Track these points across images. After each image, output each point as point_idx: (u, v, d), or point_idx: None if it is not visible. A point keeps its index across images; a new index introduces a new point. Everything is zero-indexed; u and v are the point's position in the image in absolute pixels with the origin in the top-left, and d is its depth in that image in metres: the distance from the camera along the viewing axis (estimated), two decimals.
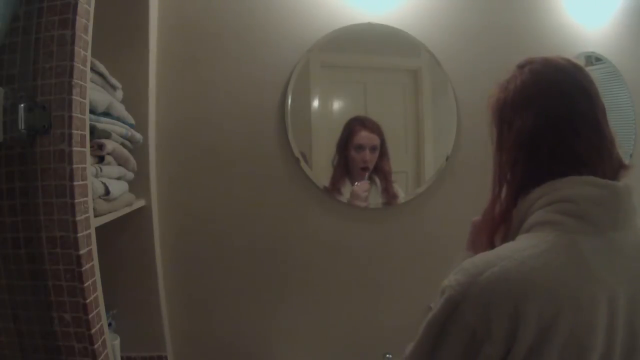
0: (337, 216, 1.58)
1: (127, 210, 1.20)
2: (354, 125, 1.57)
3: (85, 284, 0.83)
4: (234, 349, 1.54)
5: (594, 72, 1.68)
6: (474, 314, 0.57)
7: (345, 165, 1.58)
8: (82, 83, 0.85)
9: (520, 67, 0.72)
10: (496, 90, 0.74)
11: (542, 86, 0.68)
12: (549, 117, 0.66)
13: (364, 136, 1.57)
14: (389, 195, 1.61)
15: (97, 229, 0.92)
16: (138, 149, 1.32)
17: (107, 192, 1.03)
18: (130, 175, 1.26)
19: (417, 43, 1.60)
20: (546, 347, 0.55)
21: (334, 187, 1.57)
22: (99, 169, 1.02)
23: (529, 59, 0.72)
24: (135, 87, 1.34)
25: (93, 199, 0.92)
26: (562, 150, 0.65)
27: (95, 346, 0.84)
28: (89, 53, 0.88)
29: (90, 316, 0.83)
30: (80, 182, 0.84)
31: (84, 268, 0.82)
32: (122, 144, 1.18)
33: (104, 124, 1.07)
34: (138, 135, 1.29)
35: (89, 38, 0.87)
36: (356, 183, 1.58)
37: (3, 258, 0.82)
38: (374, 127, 1.58)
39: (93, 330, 0.83)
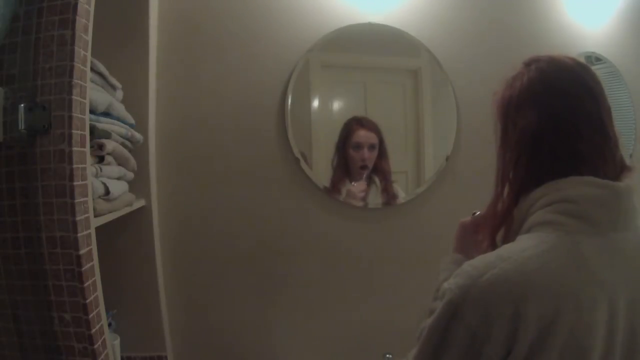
0: (337, 216, 1.58)
1: (127, 210, 1.20)
2: (352, 124, 1.58)
3: (85, 284, 0.83)
4: (234, 349, 1.54)
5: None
6: (474, 316, 0.57)
7: (345, 165, 1.58)
8: (82, 83, 0.85)
9: (527, 64, 0.71)
10: (502, 88, 0.73)
11: (548, 85, 0.67)
12: (552, 117, 0.66)
13: (361, 135, 1.57)
14: (389, 195, 1.61)
15: (97, 229, 0.92)
16: (138, 149, 1.32)
17: (107, 192, 1.03)
18: (130, 175, 1.26)
19: (417, 43, 1.60)
20: (546, 348, 0.55)
21: (334, 188, 1.57)
22: (99, 169, 1.02)
23: (534, 57, 0.71)
24: (135, 87, 1.34)
25: (93, 199, 0.92)
26: (565, 150, 0.65)
27: (95, 346, 0.84)
28: (89, 53, 0.88)
29: (90, 316, 0.83)
30: (80, 182, 0.84)
31: (84, 268, 0.82)
32: (122, 144, 1.18)
33: (104, 124, 1.07)
34: (138, 135, 1.29)
35: (89, 38, 0.87)
36: (353, 183, 1.58)
37: (3, 258, 0.82)
38: (371, 126, 1.58)
39: (93, 330, 0.83)
